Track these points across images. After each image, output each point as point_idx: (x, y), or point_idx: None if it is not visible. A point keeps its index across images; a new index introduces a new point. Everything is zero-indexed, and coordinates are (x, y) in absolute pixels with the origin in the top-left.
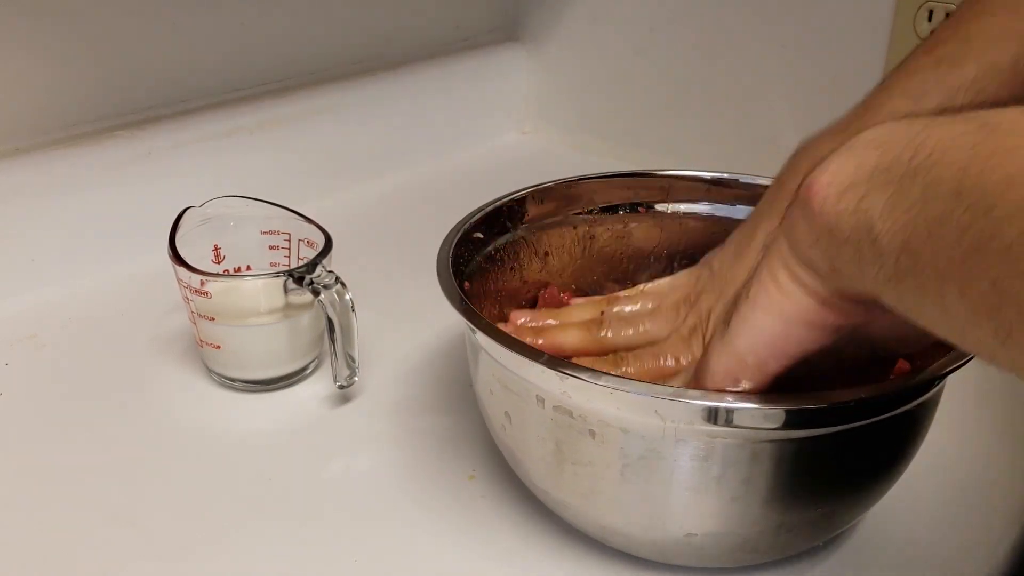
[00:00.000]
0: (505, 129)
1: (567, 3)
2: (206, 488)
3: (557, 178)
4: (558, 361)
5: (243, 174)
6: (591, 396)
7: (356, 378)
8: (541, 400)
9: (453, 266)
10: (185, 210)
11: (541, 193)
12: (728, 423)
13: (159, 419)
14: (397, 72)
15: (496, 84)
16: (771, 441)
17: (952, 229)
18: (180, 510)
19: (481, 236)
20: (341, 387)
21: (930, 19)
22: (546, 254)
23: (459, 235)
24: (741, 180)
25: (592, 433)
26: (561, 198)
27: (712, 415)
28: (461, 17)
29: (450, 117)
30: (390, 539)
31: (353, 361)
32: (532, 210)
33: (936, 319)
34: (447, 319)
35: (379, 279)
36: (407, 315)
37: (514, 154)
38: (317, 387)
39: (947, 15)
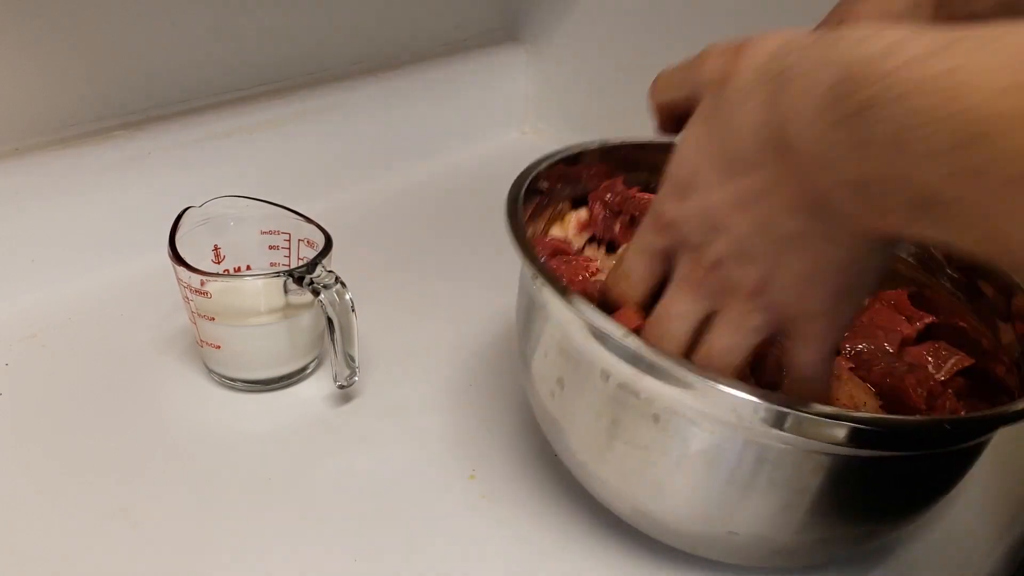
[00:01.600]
0: (505, 129)
1: (567, 3)
2: (206, 488)
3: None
4: (637, 339)
5: (243, 174)
6: (667, 381)
7: (356, 378)
8: (606, 375)
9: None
10: (185, 210)
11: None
12: (796, 431)
13: (159, 419)
14: (397, 72)
15: (496, 84)
16: (836, 455)
17: None
18: (180, 510)
19: (547, 185)
20: (341, 387)
21: None
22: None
23: (527, 182)
24: None
25: (656, 418)
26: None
27: (784, 421)
28: (461, 17)
29: (450, 117)
30: (390, 539)
31: (353, 361)
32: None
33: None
34: (448, 319)
35: (379, 279)
36: (407, 315)
37: (514, 154)
38: (317, 387)
39: None
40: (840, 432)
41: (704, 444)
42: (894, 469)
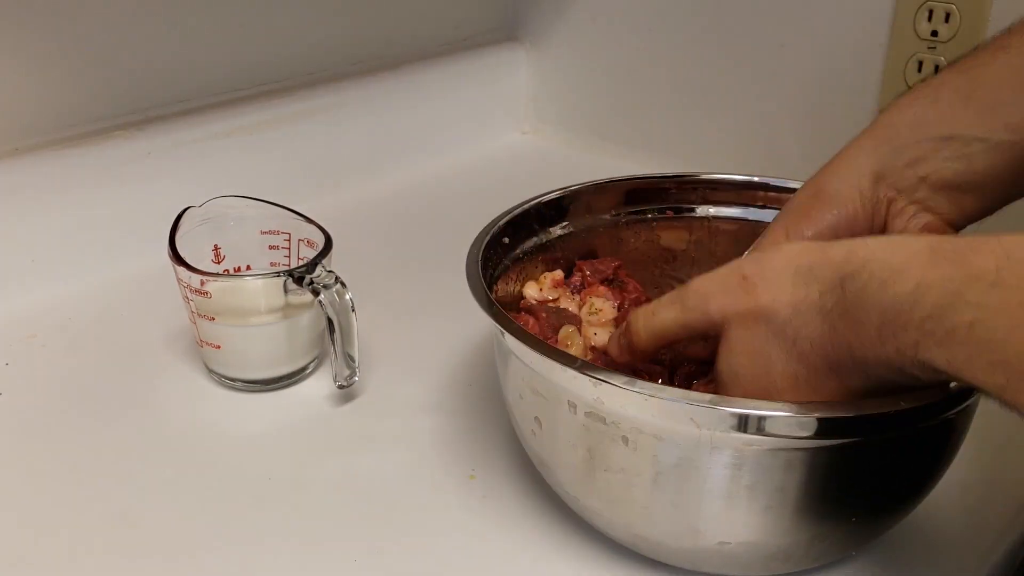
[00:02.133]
0: (505, 129)
1: (567, 3)
2: (206, 488)
3: (561, 184)
4: (590, 366)
5: (243, 174)
6: (624, 402)
7: (356, 378)
8: (573, 406)
9: (481, 269)
10: (185, 210)
11: (570, 197)
12: (761, 431)
13: (159, 419)
14: (397, 72)
15: (496, 84)
16: (804, 450)
17: None
18: (180, 510)
19: (508, 240)
20: (341, 387)
21: (930, 18)
22: (572, 258)
23: (488, 237)
24: (772, 183)
25: (625, 440)
26: (588, 201)
27: (744, 423)
28: (461, 17)
29: (450, 117)
30: (390, 539)
31: (353, 361)
32: (560, 214)
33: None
34: (447, 319)
35: (379, 279)
36: (407, 315)
37: (514, 154)
38: (317, 387)
39: (947, 15)
40: (800, 425)
41: (674, 458)
42: (868, 456)
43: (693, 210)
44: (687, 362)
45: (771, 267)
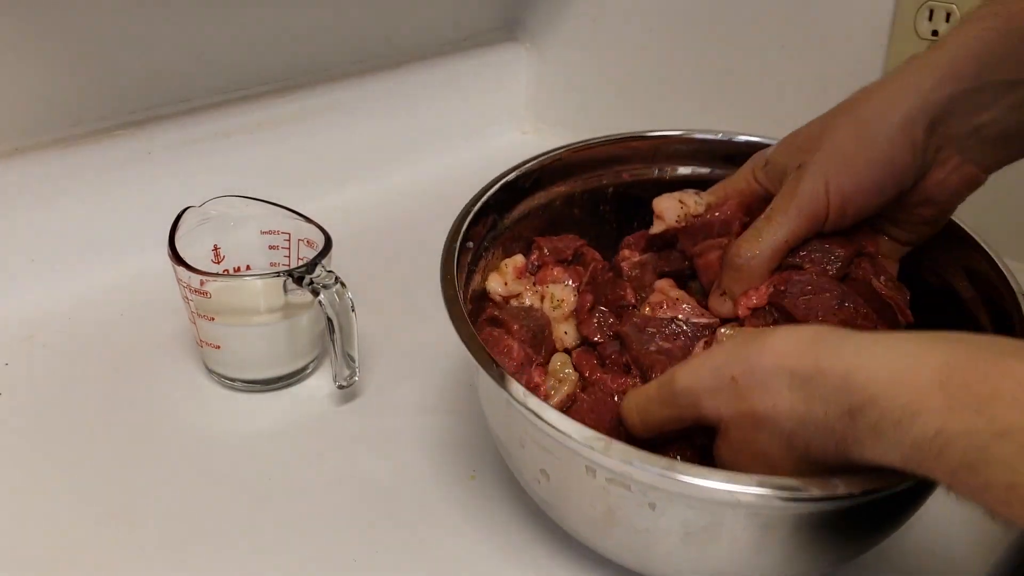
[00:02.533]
0: (505, 129)
1: (567, 2)
2: (206, 488)
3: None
4: (620, 447)
5: (243, 174)
6: (656, 480)
7: (356, 378)
8: (592, 471)
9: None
10: (185, 210)
11: (522, 177)
12: (794, 499)
13: (159, 419)
14: (397, 72)
15: (496, 84)
16: (836, 510)
17: None
18: (180, 510)
19: (471, 244)
20: (341, 387)
21: (930, 18)
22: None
23: (456, 253)
24: (735, 140)
25: (652, 506)
26: (543, 177)
27: (789, 497)
28: (461, 16)
29: (450, 117)
30: (390, 539)
31: (353, 361)
32: (514, 196)
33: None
34: (447, 318)
35: (379, 279)
36: (407, 314)
37: (514, 154)
38: (317, 387)
39: (947, 15)
40: (842, 494)
41: (705, 522)
42: (888, 504)
43: (652, 171)
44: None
45: (761, 368)
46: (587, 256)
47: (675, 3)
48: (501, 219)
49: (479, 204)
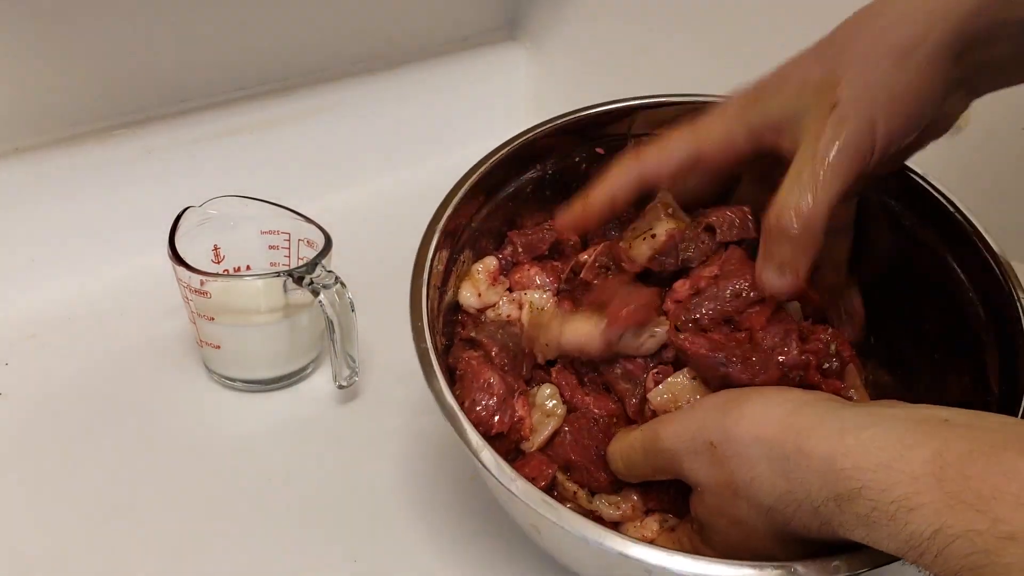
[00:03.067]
0: (505, 129)
1: (567, 2)
2: (206, 488)
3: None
4: (623, 539)
5: (243, 174)
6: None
7: (356, 378)
8: (585, 539)
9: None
10: (185, 210)
11: (495, 167)
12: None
13: (159, 419)
14: (397, 72)
15: (496, 84)
16: None
17: None
18: (180, 510)
19: (442, 267)
20: (341, 387)
21: None
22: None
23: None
24: (713, 101)
25: (649, 572)
26: (516, 160)
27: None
28: (461, 16)
29: (450, 117)
30: (390, 539)
31: (353, 361)
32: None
33: None
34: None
35: (379, 279)
36: (407, 315)
37: None
38: (317, 387)
39: None
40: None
41: None
42: None
43: (627, 142)
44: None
45: (739, 440)
46: (564, 247)
47: (675, 4)
48: (469, 223)
49: (442, 221)
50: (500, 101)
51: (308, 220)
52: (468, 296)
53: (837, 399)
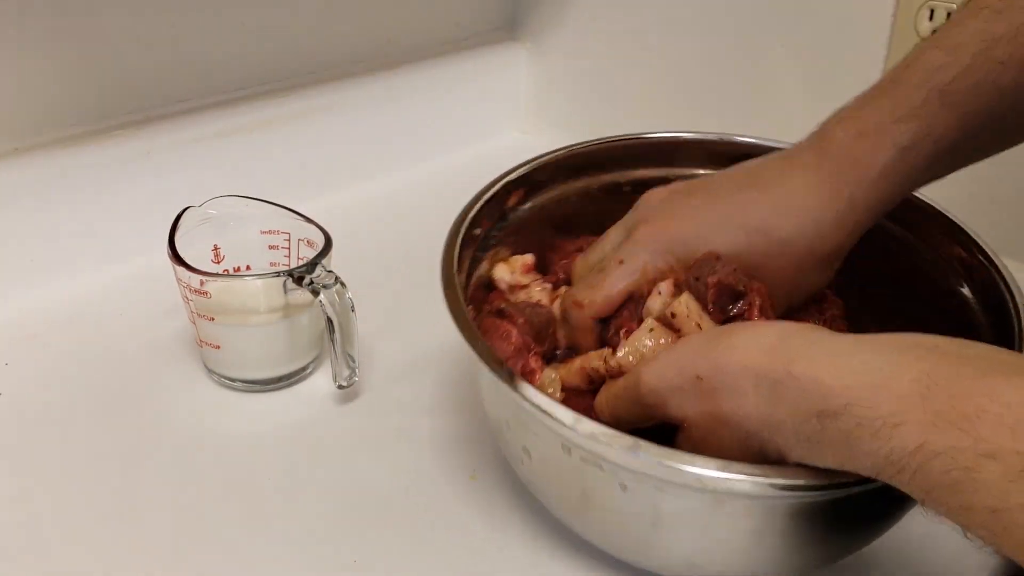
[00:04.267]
0: (505, 129)
1: (567, 3)
2: (205, 488)
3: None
4: (592, 425)
5: (243, 174)
6: (627, 460)
7: (356, 378)
8: (568, 449)
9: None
10: (185, 210)
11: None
12: (773, 487)
13: (159, 419)
14: (397, 72)
15: (496, 84)
16: (805, 502)
17: None
18: (180, 509)
19: (479, 231)
20: (341, 387)
21: (931, 18)
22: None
23: (460, 238)
24: (744, 140)
25: (623, 487)
26: (555, 172)
27: (755, 486)
28: (461, 16)
29: (450, 117)
30: (390, 539)
31: (353, 361)
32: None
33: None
34: (448, 318)
35: (379, 279)
36: (407, 315)
37: (514, 154)
38: (317, 387)
39: (948, 14)
40: (810, 484)
41: (675, 507)
42: (864, 499)
43: (670, 172)
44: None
45: (727, 370)
46: None
47: (675, 3)
48: (514, 211)
49: (491, 192)
50: (500, 101)
51: (308, 220)
52: (502, 273)
53: (825, 329)
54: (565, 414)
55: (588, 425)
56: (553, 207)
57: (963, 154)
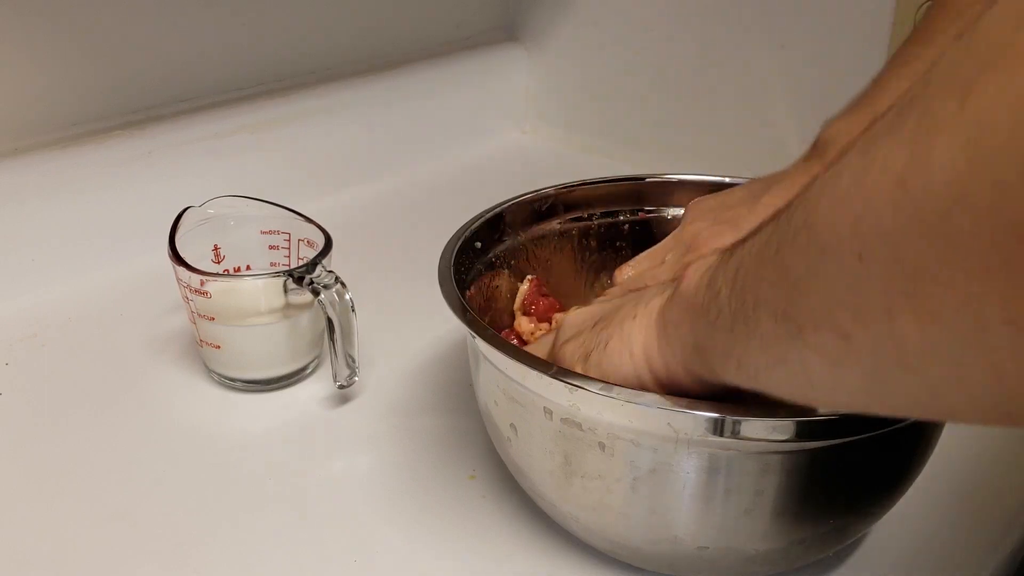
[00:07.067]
0: (505, 129)
1: (567, 3)
2: (205, 488)
3: (556, 183)
4: (566, 372)
5: (243, 174)
6: (600, 408)
7: (356, 378)
8: (549, 412)
9: (455, 274)
10: (185, 210)
11: (540, 200)
12: (737, 435)
13: (159, 419)
14: (397, 72)
15: (496, 84)
16: (782, 453)
17: (768, 258)
18: (179, 510)
19: (480, 245)
20: (341, 387)
21: None
22: (547, 260)
23: (459, 243)
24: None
25: (602, 446)
26: (561, 204)
27: (720, 427)
28: (461, 17)
29: (450, 117)
30: (390, 539)
31: (353, 361)
32: (532, 216)
33: (769, 365)
34: (447, 318)
35: (379, 279)
36: (407, 315)
37: (514, 154)
38: (317, 387)
39: None
40: (777, 429)
41: (652, 463)
42: (844, 458)
43: (669, 213)
44: None
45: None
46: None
47: (675, 4)
48: (515, 234)
49: (494, 212)
50: (500, 101)
51: (308, 220)
52: (525, 326)
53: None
54: (542, 363)
55: (562, 371)
56: (555, 237)
57: None
